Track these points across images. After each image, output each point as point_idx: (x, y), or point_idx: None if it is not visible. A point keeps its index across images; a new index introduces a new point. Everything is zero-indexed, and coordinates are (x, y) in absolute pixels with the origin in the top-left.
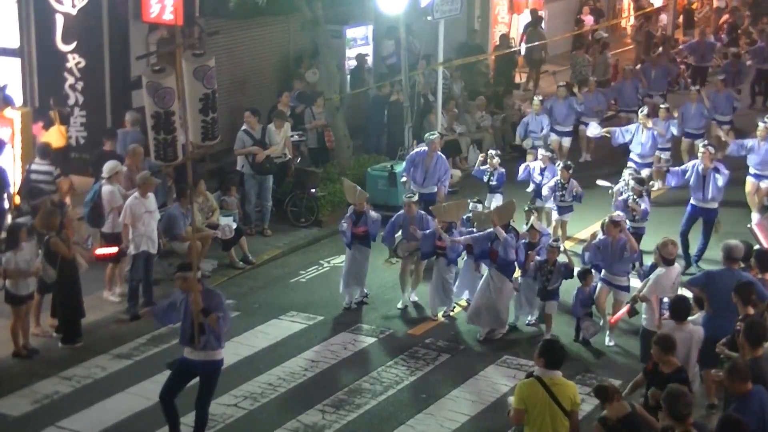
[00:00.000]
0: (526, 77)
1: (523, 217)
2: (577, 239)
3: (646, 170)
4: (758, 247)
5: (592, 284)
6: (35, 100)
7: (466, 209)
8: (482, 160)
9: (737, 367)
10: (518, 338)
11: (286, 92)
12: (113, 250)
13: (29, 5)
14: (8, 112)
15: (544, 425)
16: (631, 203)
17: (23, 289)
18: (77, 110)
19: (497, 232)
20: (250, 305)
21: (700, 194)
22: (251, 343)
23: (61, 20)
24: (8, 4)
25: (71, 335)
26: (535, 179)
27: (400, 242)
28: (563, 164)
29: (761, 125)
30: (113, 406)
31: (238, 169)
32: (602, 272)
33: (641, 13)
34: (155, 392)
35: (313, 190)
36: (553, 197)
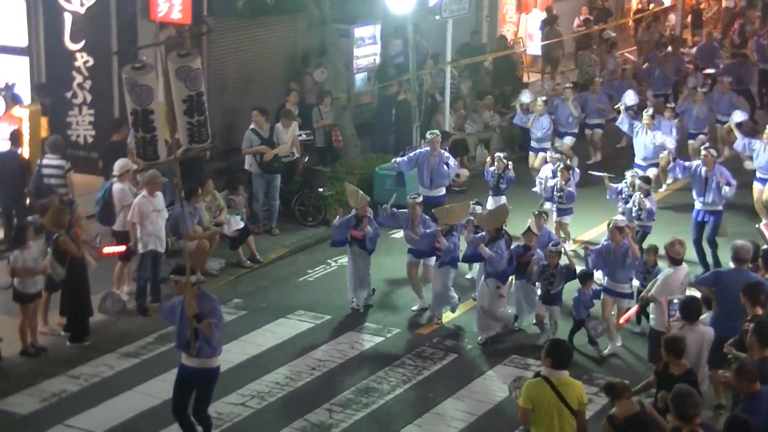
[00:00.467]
0: (542, 74)
1: (530, 220)
2: (580, 241)
3: (652, 170)
4: (766, 247)
5: (592, 287)
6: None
7: (468, 211)
8: (490, 161)
9: (745, 367)
10: (525, 338)
11: (293, 91)
12: (121, 248)
13: (38, 4)
14: (17, 110)
15: (551, 425)
16: (638, 201)
17: (31, 287)
18: (85, 109)
19: (482, 251)
20: (257, 304)
21: (702, 197)
22: (258, 342)
23: (69, 19)
24: (17, 2)
25: (79, 334)
26: (547, 184)
27: (407, 265)
28: (562, 165)
29: None
30: (121, 404)
31: (246, 168)
32: (605, 280)
33: (640, 15)
34: (162, 391)
35: (320, 189)
36: (552, 199)
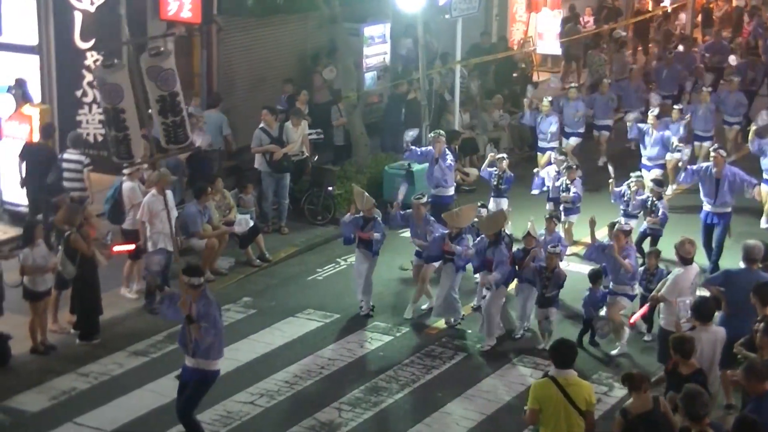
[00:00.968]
0: (562, 72)
1: (529, 225)
2: (584, 244)
3: (657, 171)
4: None
5: (601, 288)
6: (53, 97)
7: (476, 213)
8: (491, 161)
9: (755, 367)
10: (534, 339)
11: (303, 90)
12: (130, 246)
13: (48, 2)
14: (27, 108)
15: (558, 425)
16: (649, 205)
17: (41, 285)
18: (95, 107)
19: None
20: (266, 303)
21: (712, 199)
22: (268, 340)
23: (79, 17)
24: (27, 1)
25: (89, 332)
26: (547, 183)
27: (413, 267)
28: (569, 165)
29: None
30: (130, 402)
31: (255, 167)
32: (610, 284)
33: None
34: (172, 389)
35: (330, 188)
36: (557, 199)
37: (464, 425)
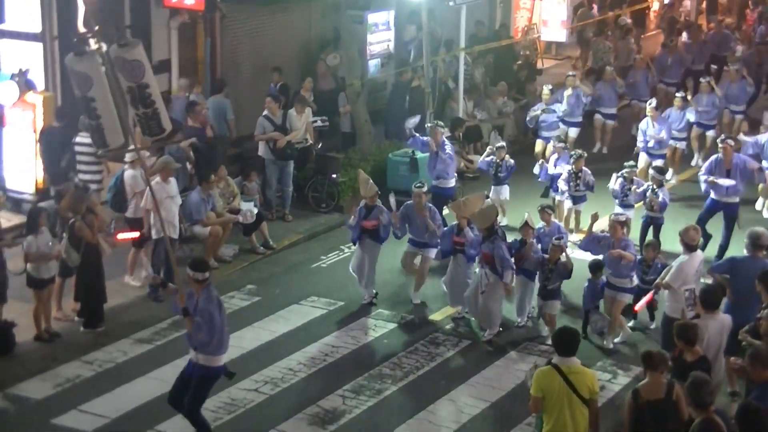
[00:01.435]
0: (579, 55)
1: (526, 215)
2: (584, 232)
3: (659, 161)
4: None
5: (602, 279)
6: (57, 85)
7: (483, 202)
8: (489, 151)
9: (759, 354)
10: (538, 326)
11: (308, 77)
12: (135, 234)
13: None
14: (30, 96)
15: (561, 413)
16: (650, 194)
17: (45, 272)
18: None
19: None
20: (270, 290)
21: (722, 189)
22: (272, 328)
23: (82, 5)
24: None
25: (93, 320)
26: (549, 171)
27: (405, 254)
28: (577, 154)
29: None
30: (134, 390)
31: (259, 154)
32: (607, 274)
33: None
34: (176, 377)
35: (334, 175)
36: (568, 188)
37: (468, 412)
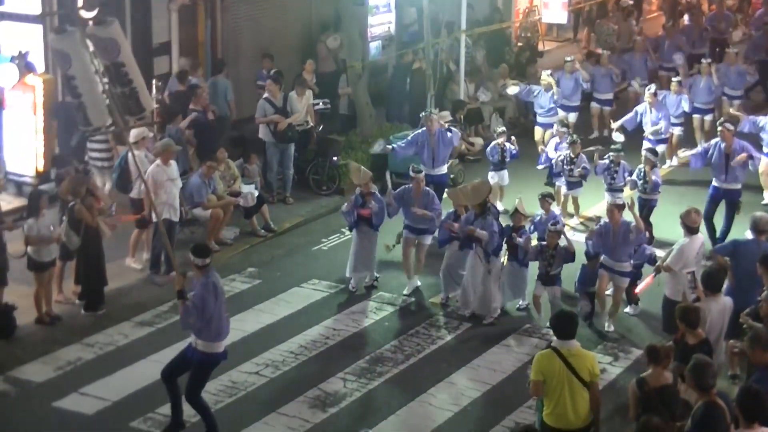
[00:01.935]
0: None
1: (517, 201)
2: (585, 216)
3: (660, 146)
4: None
5: (597, 266)
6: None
7: (487, 189)
8: (496, 136)
9: (759, 336)
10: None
11: (310, 60)
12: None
13: None
14: (30, 78)
15: (561, 396)
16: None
17: (46, 255)
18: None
19: (479, 234)
20: (271, 273)
21: (722, 175)
22: (273, 311)
23: None
24: None
25: (94, 302)
26: (550, 156)
27: (400, 233)
28: (571, 139)
29: None
30: (135, 373)
31: (260, 137)
32: (602, 257)
33: None
34: None
35: (335, 158)
36: (561, 172)
37: (469, 395)
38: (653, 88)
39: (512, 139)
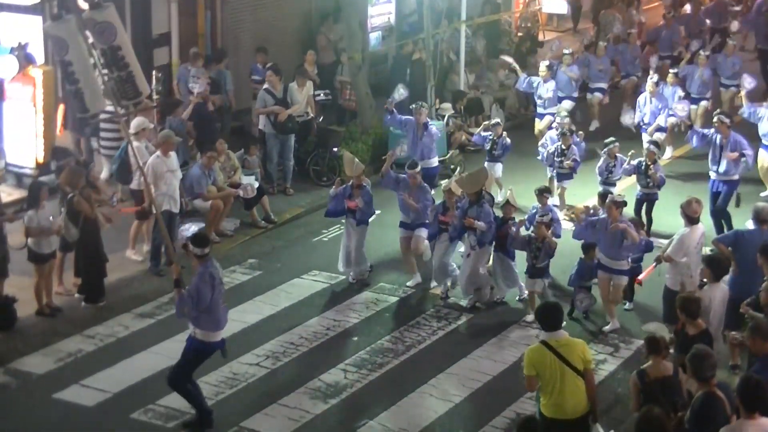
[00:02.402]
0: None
1: (508, 193)
2: (571, 207)
3: (659, 135)
4: None
5: (594, 259)
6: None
7: (486, 177)
8: (485, 126)
9: (760, 326)
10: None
11: (311, 50)
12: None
13: None
14: (30, 70)
15: (556, 387)
16: (651, 172)
17: (46, 247)
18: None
19: (477, 227)
20: (272, 264)
21: (716, 166)
22: (273, 302)
23: None
24: None
25: (94, 294)
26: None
27: (400, 240)
28: (562, 131)
29: None
30: (136, 364)
31: (260, 128)
32: (600, 256)
33: None
34: (177, 351)
35: (335, 149)
36: (552, 163)
37: (470, 386)
38: (656, 77)
39: (503, 134)
